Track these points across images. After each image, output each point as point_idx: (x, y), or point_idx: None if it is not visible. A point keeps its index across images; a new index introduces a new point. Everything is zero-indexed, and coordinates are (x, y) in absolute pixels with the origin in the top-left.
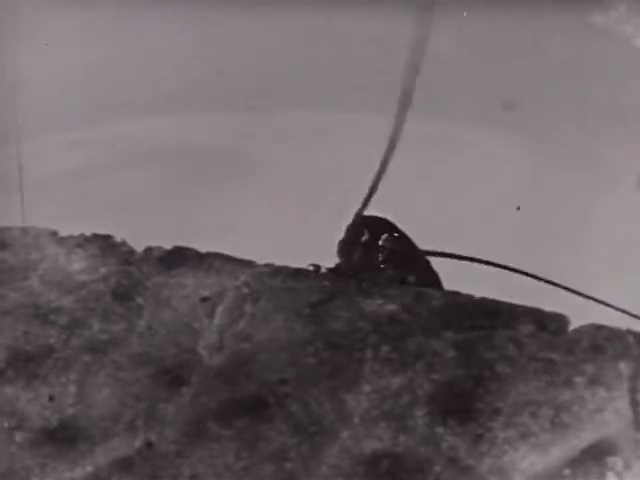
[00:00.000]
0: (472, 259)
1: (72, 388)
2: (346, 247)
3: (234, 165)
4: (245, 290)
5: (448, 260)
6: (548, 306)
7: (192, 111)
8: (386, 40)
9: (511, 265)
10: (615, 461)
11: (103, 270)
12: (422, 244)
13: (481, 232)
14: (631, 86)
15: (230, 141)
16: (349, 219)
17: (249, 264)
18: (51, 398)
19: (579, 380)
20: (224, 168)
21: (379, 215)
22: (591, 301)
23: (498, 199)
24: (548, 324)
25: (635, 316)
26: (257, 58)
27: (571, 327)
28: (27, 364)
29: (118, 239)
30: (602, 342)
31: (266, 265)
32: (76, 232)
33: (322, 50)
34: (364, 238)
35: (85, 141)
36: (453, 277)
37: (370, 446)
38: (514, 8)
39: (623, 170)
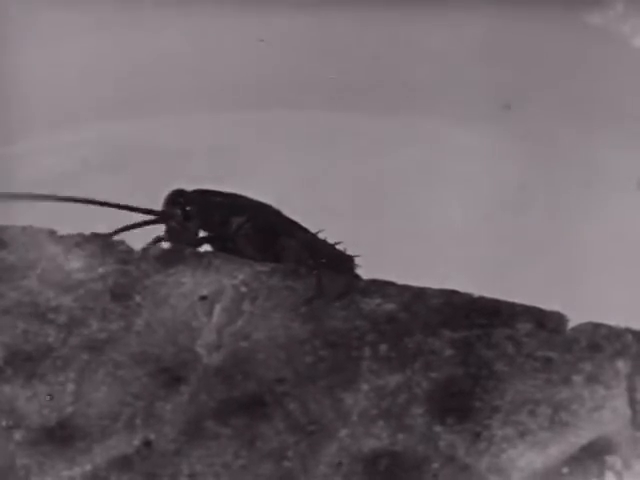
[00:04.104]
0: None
1: (71, 387)
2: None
3: (233, 165)
4: (243, 289)
5: (447, 260)
6: (547, 305)
7: (191, 111)
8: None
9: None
10: (614, 460)
11: (101, 269)
12: (420, 243)
13: (479, 232)
14: (629, 86)
15: (229, 141)
16: (348, 218)
17: (247, 262)
18: (50, 397)
19: (577, 378)
20: (223, 168)
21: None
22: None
23: (496, 199)
24: (547, 323)
25: None
26: (256, 58)
27: (570, 325)
28: (26, 363)
29: (116, 238)
30: (600, 340)
31: (264, 264)
32: (74, 231)
33: (321, 50)
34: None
35: (84, 141)
36: (452, 276)
37: (368, 445)
38: (511, 8)
39: (623, 170)
